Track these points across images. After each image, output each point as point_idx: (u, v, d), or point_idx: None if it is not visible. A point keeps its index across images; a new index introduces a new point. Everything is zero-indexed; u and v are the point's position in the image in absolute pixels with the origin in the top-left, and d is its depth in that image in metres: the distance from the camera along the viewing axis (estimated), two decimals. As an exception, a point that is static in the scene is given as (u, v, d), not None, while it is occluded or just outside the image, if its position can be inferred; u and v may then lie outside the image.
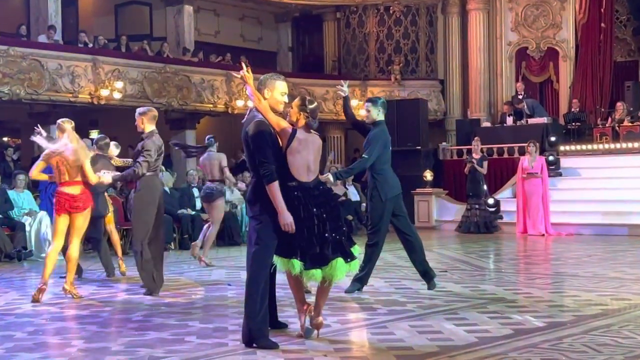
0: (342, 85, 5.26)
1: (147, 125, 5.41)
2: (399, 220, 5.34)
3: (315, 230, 3.61)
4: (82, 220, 5.24)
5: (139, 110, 5.55)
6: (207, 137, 7.54)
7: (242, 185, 10.16)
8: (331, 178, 4.71)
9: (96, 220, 6.13)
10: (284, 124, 3.72)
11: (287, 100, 3.81)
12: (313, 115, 3.76)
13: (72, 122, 5.37)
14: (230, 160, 10.68)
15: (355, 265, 3.82)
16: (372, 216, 5.26)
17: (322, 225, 3.62)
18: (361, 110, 14.40)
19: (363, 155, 5.25)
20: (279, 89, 3.76)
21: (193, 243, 7.42)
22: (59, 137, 5.29)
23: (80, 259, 5.84)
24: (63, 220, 5.24)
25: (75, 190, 5.20)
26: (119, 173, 5.68)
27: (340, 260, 3.64)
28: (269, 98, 3.73)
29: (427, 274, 5.39)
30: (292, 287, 3.85)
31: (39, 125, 5.65)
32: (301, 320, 3.81)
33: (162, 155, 5.48)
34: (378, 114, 5.22)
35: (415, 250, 5.37)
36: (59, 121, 5.38)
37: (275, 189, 3.56)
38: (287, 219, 3.57)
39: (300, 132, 3.73)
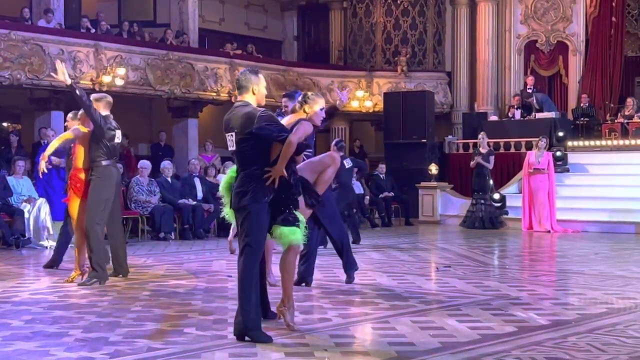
0: None
1: (102, 112, 5.56)
2: None
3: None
4: None
5: (93, 96, 5.66)
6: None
7: None
8: None
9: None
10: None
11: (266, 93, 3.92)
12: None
13: None
14: None
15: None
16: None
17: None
18: (367, 102, 14.49)
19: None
20: (263, 83, 3.85)
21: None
22: None
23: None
24: None
25: None
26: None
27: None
28: (257, 94, 3.79)
29: None
30: (287, 280, 3.85)
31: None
32: (288, 317, 3.85)
33: (118, 142, 5.61)
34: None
35: None
36: None
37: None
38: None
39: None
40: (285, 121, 4.11)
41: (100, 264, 5.43)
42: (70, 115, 5.97)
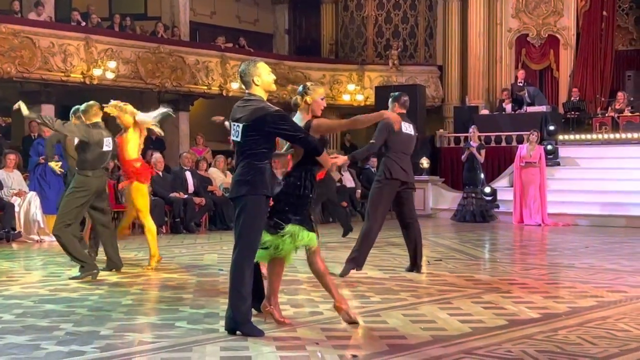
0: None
1: (93, 120, 5.64)
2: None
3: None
4: None
5: (81, 108, 5.80)
6: None
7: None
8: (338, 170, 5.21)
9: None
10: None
11: (275, 78, 3.82)
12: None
13: None
14: None
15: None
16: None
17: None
18: (358, 96, 14.49)
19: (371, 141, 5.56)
20: (265, 70, 3.76)
21: None
22: None
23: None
24: None
25: None
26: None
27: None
28: (260, 84, 3.72)
29: None
30: (274, 281, 3.84)
31: None
32: (276, 314, 3.85)
33: (108, 150, 5.56)
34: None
35: None
36: None
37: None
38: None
39: None
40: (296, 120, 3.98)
41: (83, 257, 5.40)
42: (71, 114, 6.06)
